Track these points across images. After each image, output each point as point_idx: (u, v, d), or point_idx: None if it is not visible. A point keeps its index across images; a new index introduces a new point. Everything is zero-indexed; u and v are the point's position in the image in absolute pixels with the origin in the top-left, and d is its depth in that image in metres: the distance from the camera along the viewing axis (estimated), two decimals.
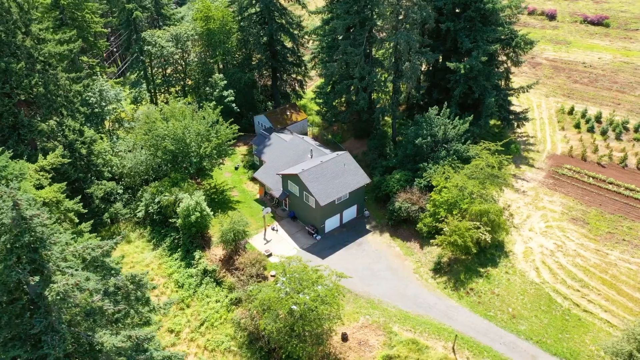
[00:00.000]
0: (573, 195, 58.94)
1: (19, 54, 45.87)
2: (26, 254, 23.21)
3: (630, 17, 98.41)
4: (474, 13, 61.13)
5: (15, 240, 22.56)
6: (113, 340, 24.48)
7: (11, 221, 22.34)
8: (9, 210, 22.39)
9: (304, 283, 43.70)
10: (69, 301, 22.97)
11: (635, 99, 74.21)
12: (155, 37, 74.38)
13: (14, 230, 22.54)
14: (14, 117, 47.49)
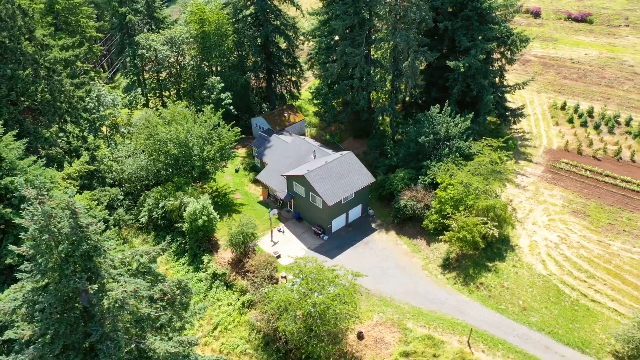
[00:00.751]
0: (572, 188, 60.43)
1: (23, 60, 45.14)
2: (81, 263, 22.98)
3: (612, 14, 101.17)
4: (471, 12, 62.18)
5: (74, 249, 22.33)
6: (165, 346, 24.40)
7: (70, 230, 22.10)
8: (67, 219, 22.15)
9: (321, 283, 44.00)
10: (126, 309, 22.86)
11: (624, 94, 76.38)
12: (149, 41, 73.78)
13: (71, 239, 22.31)
14: (20, 125, 46.70)
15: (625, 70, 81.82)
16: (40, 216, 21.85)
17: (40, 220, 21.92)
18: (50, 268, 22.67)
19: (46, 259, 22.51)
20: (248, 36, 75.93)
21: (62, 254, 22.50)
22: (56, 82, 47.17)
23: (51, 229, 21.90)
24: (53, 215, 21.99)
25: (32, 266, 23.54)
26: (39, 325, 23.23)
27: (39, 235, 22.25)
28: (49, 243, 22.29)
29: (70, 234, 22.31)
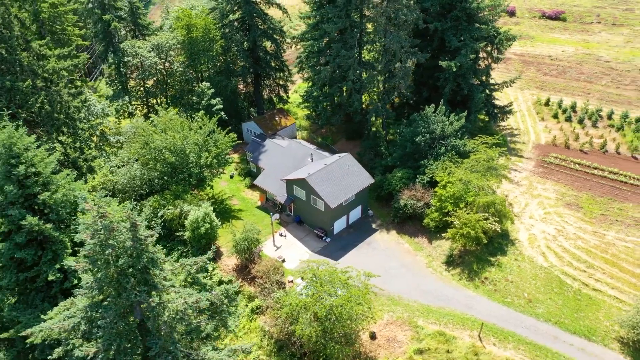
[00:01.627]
0: (563, 181, 62.34)
1: (19, 71, 43.97)
2: (139, 276, 22.61)
3: (584, 11, 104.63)
4: (459, 13, 63.51)
5: (134, 263, 21.95)
6: (219, 356, 24.22)
7: (132, 243, 21.73)
8: (128, 232, 21.75)
9: (335, 285, 44.29)
10: (185, 320, 22.60)
11: (603, 88, 79.16)
12: (135, 48, 72.66)
13: (131, 252, 21.93)
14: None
15: (602, 65, 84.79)
16: (102, 230, 21.46)
17: (100, 235, 21.53)
18: (107, 283, 22.26)
19: (104, 273, 22.09)
20: (235, 41, 75.63)
21: (120, 268, 22.13)
22: (54, 93, 46.09)
23: (112, 243, 21.53)
24: (115, 228, 21.62)
25: (92, 282, 23.04)
26: (101, 341, 22.76)
27: (100, 250, 21.84)
28: (108, 257, 21.90)
29: (130, 248, 21.96)
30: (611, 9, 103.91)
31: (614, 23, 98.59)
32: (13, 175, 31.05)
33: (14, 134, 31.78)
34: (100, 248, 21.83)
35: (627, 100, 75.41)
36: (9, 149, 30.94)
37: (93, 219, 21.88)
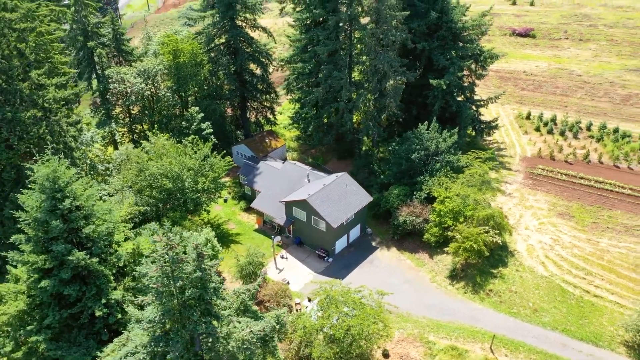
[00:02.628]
0: (553, 192, 64.36)
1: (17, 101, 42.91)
2: (202, 306, 22.12)
3: (551, 28, 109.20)
4: (446, 32, 65.48)
5: (201, 294, 21.47)
6: None
7: (200, 274, 21.27)
8: (194, 263, 21.27)
9: (350, 304, 44.34)
10: (249, 349, 22.18)
11: (579, 101, 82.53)
12: (121, 74, 71.79)
13: (197, 283, 21.45)
14: (17, 170, 44.16)
15: (575, 79, 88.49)
16: (169, 262, 21.01)
17: (167, 266, 21.08)
18: (172, 315, 21.72)
19: (169, 306, 21.56)
20: (222, 64, 75.66)
21: (185, 300, 21.64)
22: (54, 123, 45.11)
23: (180, 275, 21.07)
24: (183, 259, 21.20)
25: (157, 315, 22.40)
26: None
27: (167, 282, 21.33)
28: (173, 289, 21.41)
29: (197, 279, 21.52)
30: (576, 25, 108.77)
31: (581, 39, 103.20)
32: (58, 210, 30.14)
33: (58, 168, 30.92)
34: (167, 280, 21.36)
35: (603, 111, 78.78)
36: (53, 183, 30.04)
37: (162, 250, 21.44)
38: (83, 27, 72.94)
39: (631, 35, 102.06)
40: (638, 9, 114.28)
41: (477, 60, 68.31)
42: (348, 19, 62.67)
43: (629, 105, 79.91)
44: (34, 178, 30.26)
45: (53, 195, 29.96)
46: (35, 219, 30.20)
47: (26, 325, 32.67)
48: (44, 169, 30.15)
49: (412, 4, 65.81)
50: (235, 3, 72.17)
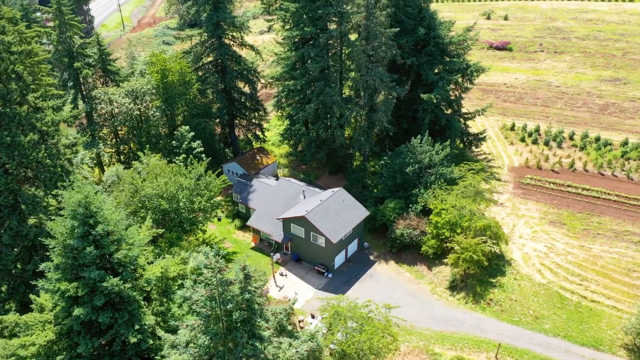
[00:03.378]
0: (543, 201, 65.90)
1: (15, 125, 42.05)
2: (247, 329, 21.82)
3: (526, 41, 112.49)
4: (434, 48, 66.94)
5: (249, 316, 21.17)
6: None
7: (249, 296, 21.00)
8: (240, 284, 20.98)
9: (359, 320, 44.42)
10: None
11: (559, 111, 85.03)
12: (109, 95, 71.07)
13: (244, 305, 21.15)
14: (14, 195, 43.12)
15: (554, 90, 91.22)
16: (218, 285, 20.75)
17: (215, 290, 20.82)
18: (218, 339, 21.40)
19: (216, 329, 21.23)
20: (211, 83, 75.61)
21: (232, 323, 21.35)
22: (52, 146, 44.31)
23: (228, 298, 20.81)
24: (232, 282, 20.96)
25: (204, 339, 21.99)
26: None
27: (215, 306, 21.04)
28: (219, 313, 21.14)
29: (243, 301, 21.27)
30: (550, 38, 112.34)
31: (556, 51, 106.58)
32: (90, 236, 29.44)
33: (90, 192, 30.28)
34: (215, 303, 21.08)
35: (583, 121, 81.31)
36: (85, 209, 29.35)
37: (211, 274, 21.18)
38: (68, 48, 72.17)
39: (603, 47, 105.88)
40: (607, 21, 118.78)
41: (464, 74, 69.87)
42: (339, 35, 63.49)
43: (607, 114, 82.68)
44: (64, 204, 29.56)
45: (85, 221, 29.35)
46: (66, 246, 29.48)
47: (55, 355, 31.66)
48: (76, 195, 29.56)
49: (400, 21, 67.20)
50: (222, 22, 72.47)
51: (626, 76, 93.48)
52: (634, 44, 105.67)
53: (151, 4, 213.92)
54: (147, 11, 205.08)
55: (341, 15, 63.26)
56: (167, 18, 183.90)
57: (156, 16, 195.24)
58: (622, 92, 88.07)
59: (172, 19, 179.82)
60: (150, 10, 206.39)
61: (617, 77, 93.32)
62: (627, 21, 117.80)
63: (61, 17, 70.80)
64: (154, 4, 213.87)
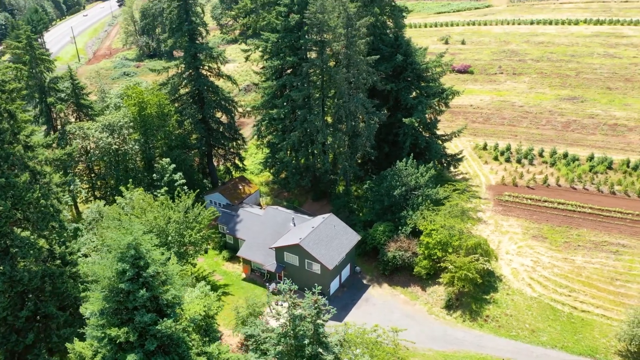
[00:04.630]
0: (523, 217, 68.36)
1: (5, 165, 40.36)
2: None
3: (486, 64, 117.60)
4: (411, 73, 69.13)
5: (320, 351, 20.71)
6: None
7: (323, 329, 20.58)
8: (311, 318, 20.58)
9: (369, 346, 44.44)
10: None
11: (526, 130, 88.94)
12: (84, 129, 69.26)
13: (316, 338, 20.69)
14: (6, 238, 41.11)
15: (518, 110, 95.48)
16: (293, 320, 20.35)
17: (288, 325, 20.41)
18: None
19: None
20: (189, 114, 74.98)
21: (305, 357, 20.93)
22: (45, 186, 42.68)
23: (299, 333, 20.42)
24: (306, 317, 20.60)
25: None
26: None
27: (290, 342, 20.56)
28: (292, 348, 20.70)
29: (314, 335, 20.90)
30: (507, 61, 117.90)
31: (514, 72, 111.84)
32: (141, 278, 28.17)
33: (139, 234, 29.06)
34: (290, 339, 20.66)
35: (549, 138, 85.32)
36: (136, 251, 28.11)
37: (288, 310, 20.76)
38: (39, 83, 70.14)
39: (557, 67, 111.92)
40: (557, 44, 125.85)
41: (441, 97, 72.28)
42: (321, 64, 64.58)
43: (570, 131, 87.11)
44: (111, 247, 28.36)
45: (137, 263, 28.23)
46: (112, 289, 28.18)
47: None
48: (126, 237, 28.46)
49: (377, 48, 69.10)
50: (199, 53, 72.40)
51: (582, 94, 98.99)
52: (584, 64, 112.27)
53: (105, 36, 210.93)
54: (102, 43, 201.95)
55: (322, 44, 64.49)
56: (124, 49, 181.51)
57: (112, 47, 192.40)
58: (581, 110, 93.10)
59: (129, 50, 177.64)
60: (105, 42, 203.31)
61: (574, 96, 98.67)
62: (575, 43, 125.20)
63: (32, 52, 68.95)
64: (108, 36, 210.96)
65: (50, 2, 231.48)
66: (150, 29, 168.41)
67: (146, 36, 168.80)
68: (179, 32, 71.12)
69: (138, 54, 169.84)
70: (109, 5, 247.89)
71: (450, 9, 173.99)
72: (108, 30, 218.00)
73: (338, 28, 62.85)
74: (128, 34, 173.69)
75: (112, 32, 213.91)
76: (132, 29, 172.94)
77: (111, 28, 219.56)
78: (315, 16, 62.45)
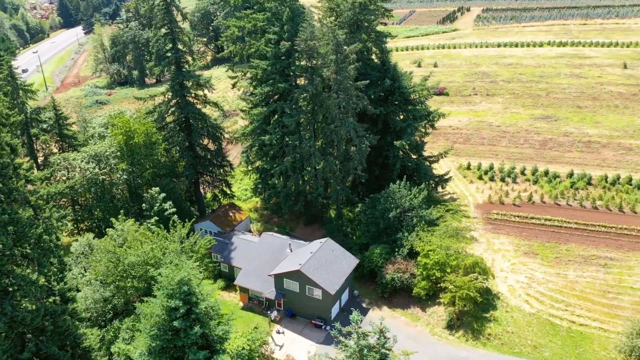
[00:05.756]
0: (513, 234, 69.87)
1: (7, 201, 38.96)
2: None
3: (459, 86, 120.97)
4: (399, 97, 70.54)
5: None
6: None
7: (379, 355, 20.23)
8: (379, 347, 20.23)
9: None
10: None
11: (505, 149, 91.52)
12: (70, 160, 67.62)
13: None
14: (6, 277, 39.39)
15: (496, 130, 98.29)
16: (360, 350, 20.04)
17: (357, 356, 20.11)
18: None
19: None
20: (176, 141, 74.23)
21: None
22: (46, 220, 41.31)
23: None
24: (375, 346, 20.31)
25: None
26: None
27: None
28: None
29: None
30: (480, 82, 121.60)
31: (488, 94, 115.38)
32: (193, 314, 27.16)
33: (190, 269, 28.10)
34: None
35: (529, 156, 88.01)
36: (188, 287, 27.11)
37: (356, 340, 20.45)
38: (22, 114, 68.27)
39: (527, 88, 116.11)
40: (525, 65, 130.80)
41: (428, 119, 73.84)
42: (313, 89, 65.17)
43: (547, 149, 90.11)
44: (161, 284, 27.31)
45: (189, 299, 27.33)
46: (161, 327, 27.12)
47: None
48: (179, 273, 27.54)
49: (365, 73, 70.33)
50: (186, 81, 72.12)
51: (554, 113, 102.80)
52: (553, 84, 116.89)
53: (73, 64, 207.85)
54: (70, 71, 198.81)
55: (313, 70, 65.21)
56: (93, 77, 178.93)
57: (80, 75, 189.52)
58: (556, 128, 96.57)
59: (99, 77, 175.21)
60: (72, 69, 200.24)
61: (548, 115, 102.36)
62: (542, 64, 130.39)
63: (14, 82, 67.34)
64: (75, 64, 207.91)
65: (14, 30, 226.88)
66: (120, 57, 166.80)
67: (117, 64, 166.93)
68: (165, 60, 70.76)
69: (109, 81, 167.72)
70: (74, 33, 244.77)
71: (419, 33, 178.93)
72: (75, 58, 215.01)
73: (329, 54, 63.80)
74: (98, 61, 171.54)
75: (80, 60, 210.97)
76: (102, 57, 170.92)
77: (78, 56, 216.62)
78: (306, 43, 63.28)
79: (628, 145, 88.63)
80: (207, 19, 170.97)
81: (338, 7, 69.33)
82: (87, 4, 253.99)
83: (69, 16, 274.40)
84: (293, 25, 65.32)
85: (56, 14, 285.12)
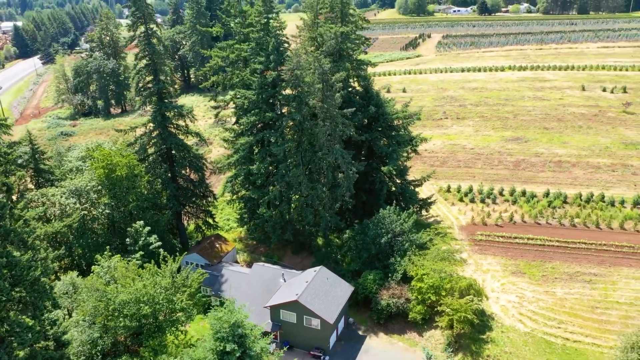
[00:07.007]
0: (499, 254, 71.27)
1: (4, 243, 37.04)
2: None
3: (430, 110, 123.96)
4: (383, 124, 71.64)
5: None
6: None
7: None
8: None
9: None
10: None
11: (481, 171, 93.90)
12: (48, 196, 65.05)
13: None
14: (1, 325, 37.12)
15: (470, 152, 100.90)
16: None
17: None
18: None
19: None
20: (158, 173, 72.71)
21: None
22: (42, 262, 39.40)
23: None
24: None
25: None
26: None
27: None
28: None
29: None
30: (449, 106, 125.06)
31: (458, 117, 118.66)
32: (248, 357, 25.85)
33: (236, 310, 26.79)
34: None
35: (505, 177, 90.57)
36: (241, 329, 25.81)
37: None
38: None
39: (495, 111, 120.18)
40: (490, 89, 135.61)
41: (411, 144, 75.14)
42: (301, 118, 65.38)
43: (521, 169, 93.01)
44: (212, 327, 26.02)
45: (242, 342, 26.16)
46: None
47: None
48: (232, 316, 26.36)
49: (349, 101, 71.22)
50: (167, 112, 71.14)
51: (524, 135, 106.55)
52: (518, 107, 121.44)
53: (31, 95, 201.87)
54: (29, 102, 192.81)
55: (300, 99, 65.54)
56: (54, 108, 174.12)
57: (40, 107, 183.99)
58: (527, 149, 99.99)
59: (61, 108, 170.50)
60: (31, 101, 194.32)
61: (517, 136, 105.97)
62: (506, 88, 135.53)
63: None
64: (34, 95, 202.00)
65: None
66: (84, 87, 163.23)
67: (80, 94, 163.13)
68: (147, 92, 69.68)
69: (72, 112, 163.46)
70: (32, 63, 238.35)
71: (384, 59, 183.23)
72: (34, 89, 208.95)
73: (315, 83, 64.37)
74: (60, 92, 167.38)
75: (39, 91, 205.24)
76: (65, 87, 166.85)
77: (37, 87, 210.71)
78: (292, 72, 63.69)
79: (596, 163, 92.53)
80: (173, 48, 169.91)
81: (321, 36, 70.27)
82: (44, 34, 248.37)
83: (25, 46, 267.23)
84: (278, 55, 65.73)
85: (11, 44, 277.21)
